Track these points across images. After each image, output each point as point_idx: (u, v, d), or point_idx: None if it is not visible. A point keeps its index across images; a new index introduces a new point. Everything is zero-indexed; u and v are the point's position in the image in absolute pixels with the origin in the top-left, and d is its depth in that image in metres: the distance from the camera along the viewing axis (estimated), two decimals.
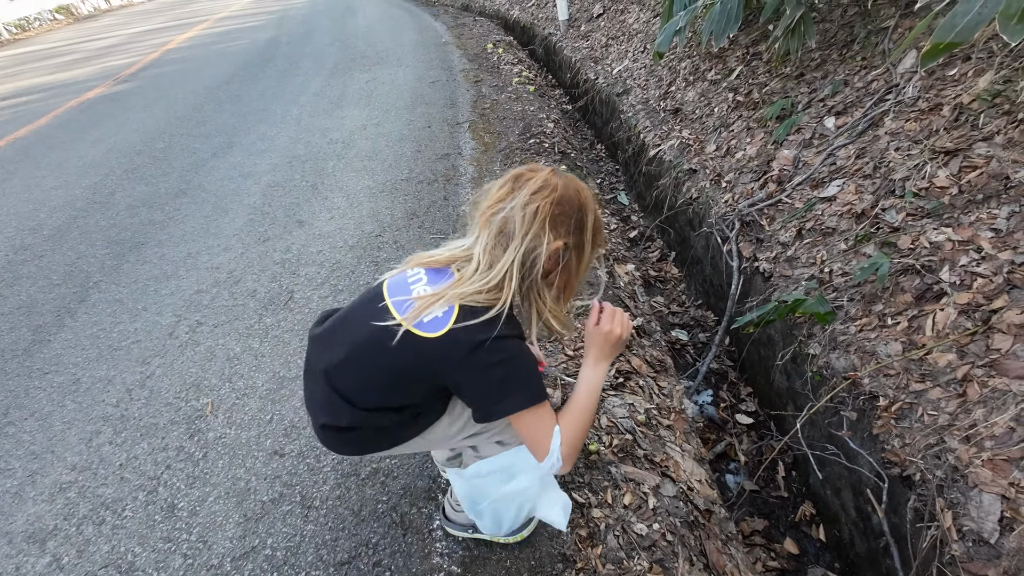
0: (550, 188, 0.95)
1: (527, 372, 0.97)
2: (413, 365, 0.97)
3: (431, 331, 0.93)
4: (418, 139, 3.92)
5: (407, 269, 1.06)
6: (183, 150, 4.34)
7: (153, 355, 2.15)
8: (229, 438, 1.74)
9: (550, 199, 0.94)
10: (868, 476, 1.69)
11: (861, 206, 2.20)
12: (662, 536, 1.29)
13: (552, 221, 0.95)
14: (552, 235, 0.95)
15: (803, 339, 2.08)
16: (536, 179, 0.96)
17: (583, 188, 1.01)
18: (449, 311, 0.93)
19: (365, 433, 1.07)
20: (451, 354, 0.92)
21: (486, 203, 0.99)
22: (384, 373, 1.00)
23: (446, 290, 0.96)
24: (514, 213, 0.94)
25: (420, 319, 0.94)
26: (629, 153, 4.26)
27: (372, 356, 1.00)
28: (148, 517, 1.52)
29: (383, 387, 1.01)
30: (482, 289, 0.94)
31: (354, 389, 1.03)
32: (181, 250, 2.88)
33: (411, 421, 1.07)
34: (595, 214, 1.02)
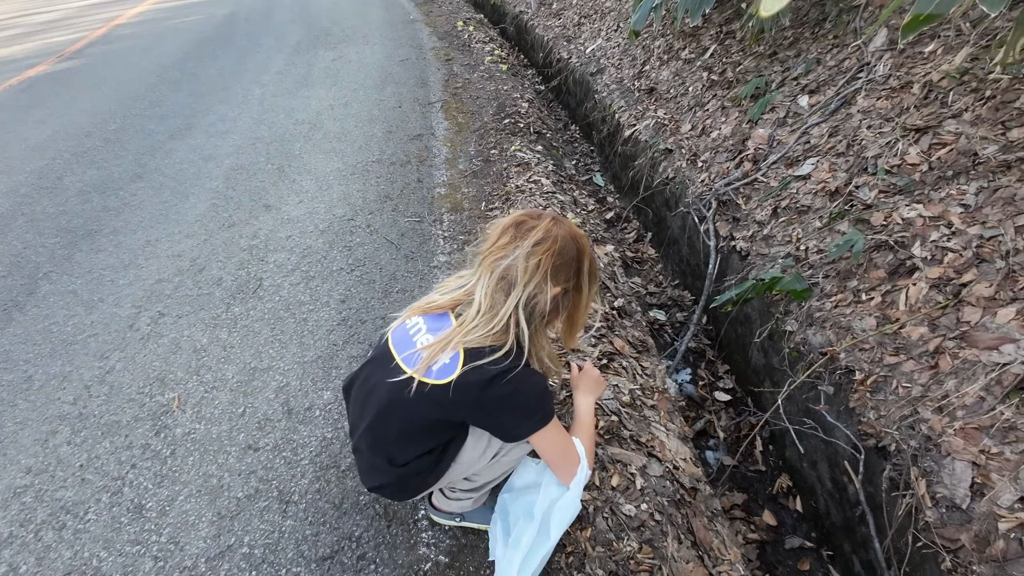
0: (551, 240, 1.04)
1: (538, 394, 1.04)
2: (432, 413, 1.04)
3: (441, 378, 0.99)
4: (388, 120, 3.80)
5: (406, 320, 1.13)
6: (137, 132, 4.10)
7: (112, 349, 2.03)
8: (199, 433, 1.66)
9: (551, 251, 1.03)
10: (844, 448, 1.73)
11: (835, 184, 2.23)
12: (650, 516, 1.28)
13: (553, 271, 1.04)
14: (552, 283, 1.04)
15: (780, 316, 2.11)
16: (538, 230, 1.04)
17: (580, 236, 1.10)
18: (455, 356, 1.00)
19: (411, 482, 1.14)
20: (465, 396, 0.98)
21: (488, 247, 1.07)
22: (409, 426, 1.08)
23: (451, 336, 1.02)
24: (517, 263, 1.02)
25: (429, 368, 1.01)
26: (604, 133, 4.23)
27: (397, 414, 1.07)
28: (113, 520, 1.44)
29: (412, 437, 1.09)
30: (487, 333, 1.01)
31: (391, 448, 1.10)
32: (139, 237, 2.72)
33: (442, 456, 1.12)
34: (591, 258, 1.12)
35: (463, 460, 1.13)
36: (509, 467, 1.24)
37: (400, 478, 1.11)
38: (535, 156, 3.06)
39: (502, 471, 1.23)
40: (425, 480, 1.13)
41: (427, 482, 1.14)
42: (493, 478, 1.23)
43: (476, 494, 1.24)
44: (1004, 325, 1.52)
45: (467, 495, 1.24)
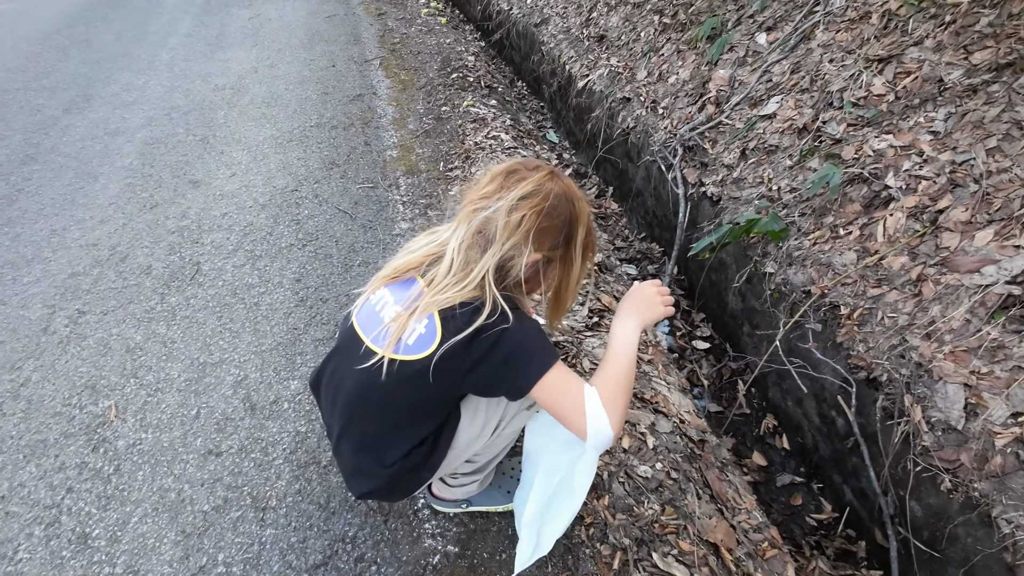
0: (541, 196, 0.87)
1: (532, 335, 0.88)
2: (415, 394, 0.88)
3: (420, 351, 0.85)
4: (323, 80, 3.45)
5: (371, 295, 0.98)
6: (23, 107, 3.53)
7: (24, 357, 1.73)
8: (146, 443, 1.43)
9: (538, 209, 0.87)
10: (833, 383, 1.74)
11: (802, 121, 2.19)
12: (667, 475, 1.22)
13: (537, 233, 0.88)
14: (534, 246, 0.88)
15: (758, 259, 2.08)
16: (529, 181, 0.88)
17: (578, 198, 0.93)
18: (431, 325, 0.86)
19: (402, 481, 0.99)
20: (455, 362, 0.84)
21: (472, 195, 0.92)
22: (391, 415, 0.93)
23: (418, 300, 0.88)
24: (497, 216, 0.87)
25: (403, 342, 0.87)
26: (554, 87, 4.05)
27: (374, 404, 0.93)
28: (53, 555, 1.22)
29: (398, 429, 0.95)
30: (459, 292, 0.86)
31: (375, 446, 0.96)
32: (41, 227, 2.34)
33: (435, 444, 0.97)
34: (588, 227, 0.95)
35: (460, 443, 0.99)
36: (512, 438, 1.11)
37: (391, 479, 0.96)
38: (490, 111, 2.86)
39: (504, 444, 1.11)
40: (420, 475, 0.99)
41: (422, 476, 1.00)
42: (496, 454, 1.11)
43: (480, 475, 1.12)
44: (983, 247, 1.54)
45: (471, 478, 1.12)
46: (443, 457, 0.99)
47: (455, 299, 0.85)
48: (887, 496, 1.56)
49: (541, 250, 0.89)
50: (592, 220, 0.97)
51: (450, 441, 0.98)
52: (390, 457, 0.94)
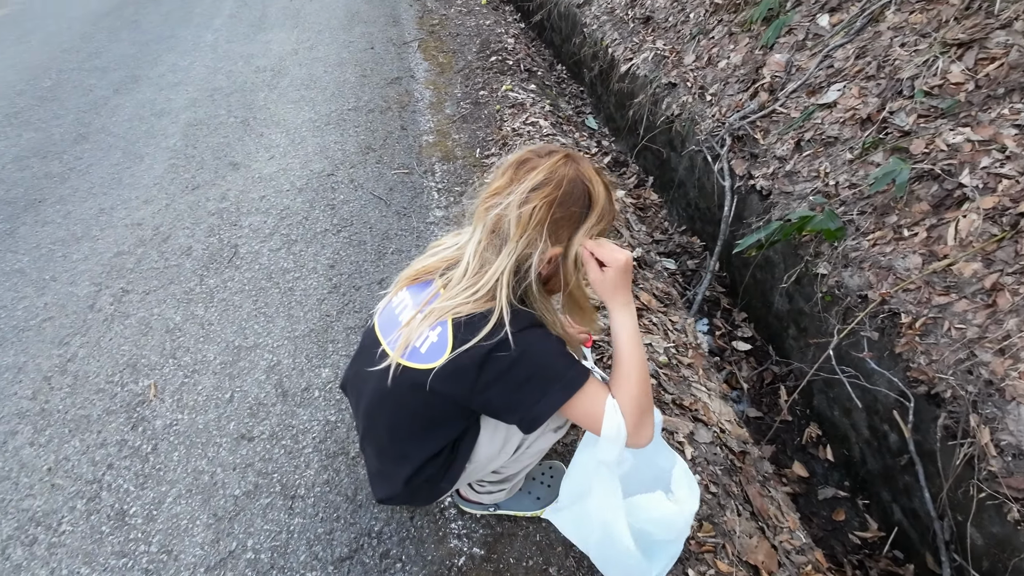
0: (553, 183, 0.81)
1: (552, 360, 0.81)
2: (426, 403, 0.83)
3: (431, 361, 0.81)
4: (361, 62, 3.43)
5: (394, 296, 0.95)
6: (76, 88, 3.64)
7: (72, 333, 1.78)
8: (182, 424, 1.46)
9: (550, 199, 0.80)
10: (887, 396, 1.62)
11: (866, 111, 2.03)
12: (705, 488, 1.15)
13: (552, 225, 0.81)
14: (550, 240, 0.81)
15: (810, 258, 1.96)
16: (540, 170, 0.81)
17: (595, 180, 0.85)
18: (443, 333, 0.81)
19: (422, 491, 0.96)
20: (462, 379, 0.79)
21: (485, 191, 0.86)
22: (404, 422, 0.89)
23: (431, 304, 0.84)
24: (509, 211, 0.80)
25: (414, 348, 0.83)
26: (595, 71, 3.91)
27: (388, 410, 0.90)
28: (93, 529, 1.26)
29: (412, 436, 0.90)
30: (470, 300, 0.81)
31: (390, 453, 0.93)
32: (90, 206, 2.41)
33: (453, 456, 0.93)
34: (608, 210, 0.86)
35: (479, 458, 0.95)
36: (540, 455, 1.05)
37: (408, 490, 0.94)
38: (529, 96, 2.78)
39: (531, 460, 1.05)
40: (438, 486, 0.96)
41: (441, 488, 0.96)
42: (524, 466, 1.07)
43: (507, 484, 1.08)
44: None
45: (498, 487, 1.09)
46: (461, 471, 0.95)
47: (467, 304, 0.80)
48: (943, 520, 1.46)
49: (559, 243, 0.82)
50: (613, 200, 0.88)
51: (468, 455, 0.94)
52: (405, 470, 0.91)
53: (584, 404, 0.80)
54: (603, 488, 0.89)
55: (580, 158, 0.86)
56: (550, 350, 0.81)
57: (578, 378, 0.80)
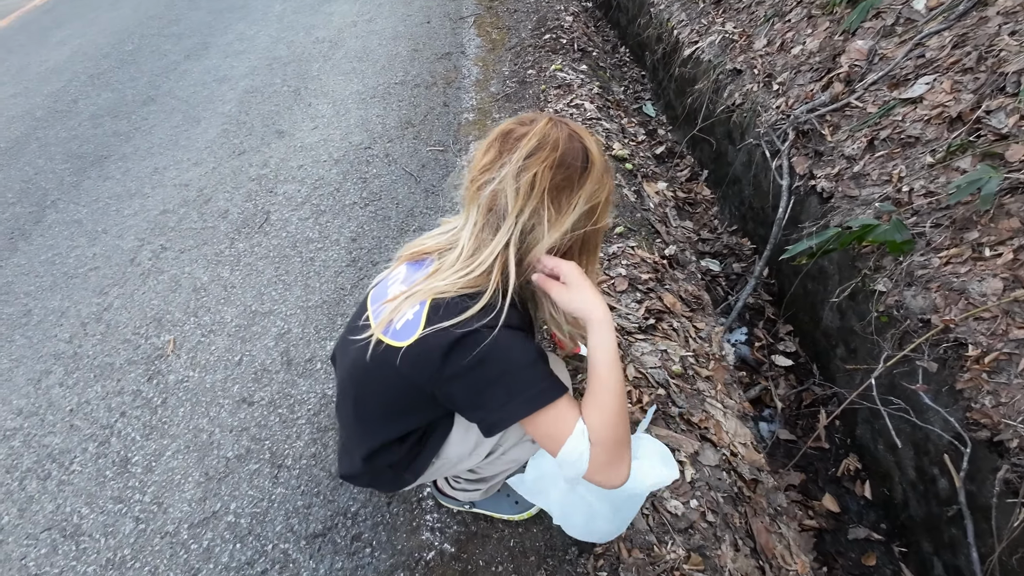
0: (548, 147, 0.74)
1: (524, 368, 0.72)
2: (395, 383, 0.78)
3: (403, 339, 0.75)
4: (415, 37, 3.40)
5: (393, 270, 0.90)
6: (153, 52, 3.86)
7: (112, 284, 1.88)
8: (192, 382, 1.50)
9: (549, 162, 0.73)
10: (941, 436, 1.42)
11: (957, 108, 1.77)
12: (701, 516, 1.04)
13: (554, 190, 0.74)
14: (553, 208, 0.75)
15: (868, 272, 1.74)
16: (531, 136, 0.74)
17: (587, 137, 0.78)
18: (420, 312, 0.75)
19: (384, 475, 0.91)
20: (427, 364, 0.73)
21: (471, 172, 0.79)
22: (371, 399, 0.84)
23: (419, 284, 0.78)
24: (505, 185, 0.73)
25: (392, 325, 0.78)
26: (658, 55, 3.69)
27: (358, 384, 0.86)
28: (98, 472, 1.32)
29: (378, 417, 0.86)
30: (461, 278, 0.75)
31: (356, 430, 0.90)
32: (147, 165, 2.54)
33: (419, 448, 0.88)
34: (604, 170, 0.79)
35: (448, 456, 0.89)
36: (517, 464, 0.98)
37: (369, 472, 0.89)
38: (578, 77, 2.65)
39: (507, 467, 0.98)
40: (401, 476, 0.90)
41: (404, 478, 0.91)
42: (503, 470, 1.00)
43: (484, 485, 1.02)
44: None
45: (473, 486, 1.03)
46: (427, 465, 0.90)
47: (456, 287, 0.74)
48: None
49: (569, 207, 0.75)
50: (608, 163, 0.81)
51: (436, 451, 0.89)
52: (363, 448, 0.87)
53: (548, 423, 0.72)
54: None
55: (566, 120, 0.79)
56: (524, 357, 0.73)
57: (548, 392, 0.72)
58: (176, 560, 1.13)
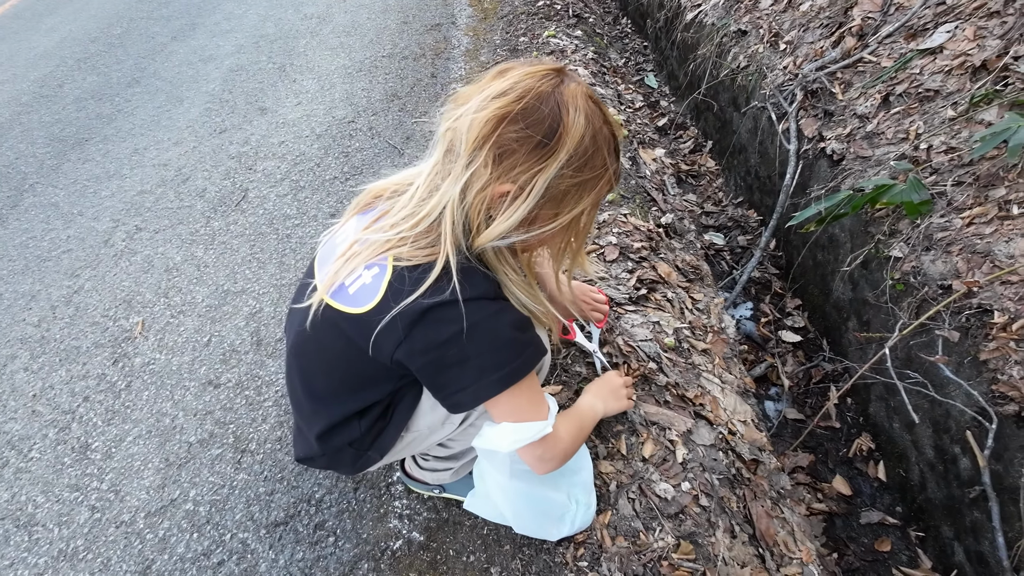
0: (514, 95, 0.61)
1: (499, 344, 0.65)
2: (347, 354, 0.69)
3: (358, 305, 0.66)
4: (405, 9, 3.27)
5: (343, 224, 0.79)
6: (141, 35, 3.77)
7: (84, 266, 1.81)
8: (158, 364, 1.43)
9: (501, 112, 0.61)
10: (962, 412, 1.30)
11: (981, 56, 1.61)
12: (694, 500, 0.94)
13: (502, 148, 0.61)
14: (495, 168, 0.62)
15: (882, 238, 1.61)
16: (510, 76, 0.63)
17: (576, 107, 0.62)
18: (379, 276, 0.65)
19: (344, 455, 0.82)
20: (388, 336, 0.64)
21: (450, 105, 0.68)
22: (324, 373, 0.76)
23: (364, 233, 0.68)
24: (461, 124, 0.63)
25: (341, 286, 0.68)
26: (660, 22, 3.52)
27: (306, 356, 0.77)
28: (57, 459, 1.25)
29: (331, 391, 0.77)
30: (407, 236, 0.65)
31: (306, 404, 0.80)
32: (127, 146, 2.46)
33: (384, 422, 0.79)
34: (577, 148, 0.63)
35: (419, 428, 0.80)
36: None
37: (326, 449, 0.80)
38: (572, 43, 2.51)
39: None
40: (365, 454, 0.81)
41: (369, 456, 0.82)
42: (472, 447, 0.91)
43: (456, 463, 0.93)
44: None
45: (444, 464, 0.94)
46: (394, 440, 0.80)
47: (406, 239, 0.65)
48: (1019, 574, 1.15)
49: (506, 177, 0.62)
50: (612, 147, 0.67)
51: (405, 423, 0.80)
52: (319, 425, 0.78)
53: (516, 400, 0.66)
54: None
55: (574, 78, 0.65)
56: (501, 331, 0.65)
57: (522, 368, 0.66)
58: (130, 551, 1.06)
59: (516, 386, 0.66)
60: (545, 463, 0.74)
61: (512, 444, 0.68)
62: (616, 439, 1.02)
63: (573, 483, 0.88)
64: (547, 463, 0.74)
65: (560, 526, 0.89)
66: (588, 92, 0.65)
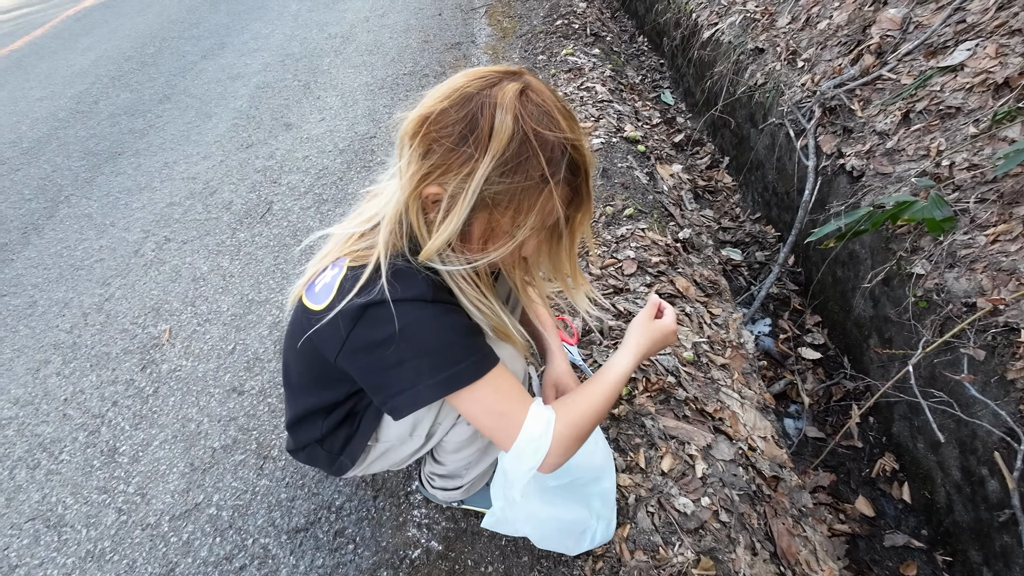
0: (444, 92, 0.59)
1: (438, 346, 0.64)
2: (308, 348, 0.71)
3: (318, 301, 0.67)
4: (426, 28, 3.36)
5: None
6: (172, 54, 3.92)
7: (115, 275, 1.87)
8: (184, 371, 1.46)
9: (428, 110, 0.59)
10: (989, 432, 1.27)
11: (1004, 73, 1.61)
12: (714, 515, 0.94)
13: (424, 144, 0.59)
14: (419, 167, 0.60)
15: (904, 255, 1.60)
16: (457, 76, 0.61)
17: (506, 107, 0.57)
18: (337, 274, 0.66)
19: (321, 457, 0.85)
20: (334, 336, 0.65)
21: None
22: (294, 364, 0.80)
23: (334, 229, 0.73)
24: (403, 124, 0.63)
25: (312, 284, 0.70)
26: (676, 40, 3.56)
27: (285, 347, 0.81)
28: (86, 462, 1.28)
29: (300, 385, 0.82)
30: (355, 234, 0.69)
31: (286, 394, 0.85)
32: (158, 160, 2.54)
33: (347, 426, 0.81)
34: (504, 152, 0.57)
35: (388, 438, 0.82)
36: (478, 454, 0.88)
37: (298, 442, 0.84)
38: (590, 60, 2.55)
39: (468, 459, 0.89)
40: (337, 459, 0.83)
41: (342, 462, 0.84)
42: (463, 463, 0.90)
43: (461, 481, 0.93)
44: None
45: (451, 483, 0.94)
46: (362, 448, 0.82)
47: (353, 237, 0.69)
48: None
49: (432, 176, 0.59)
50: (547, 152, 0.58)
51: (372, 431, 0.81)
52: (289, 414, 0.83)
53: (479, 400, 0.64)
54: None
55: (519, 81, 0.59)
56: (438, 334, 0.63)
57: (471, 370, 0.63)
58: (155, 553, 1.08)
59: (479, 384, 0.63)
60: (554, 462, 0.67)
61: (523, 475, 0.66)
62: (635, 452, 1.02)
63: (592, 494, 0.88)
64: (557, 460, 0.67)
65: (581, 542, 0.89)
66: (538, 97, 0.59)
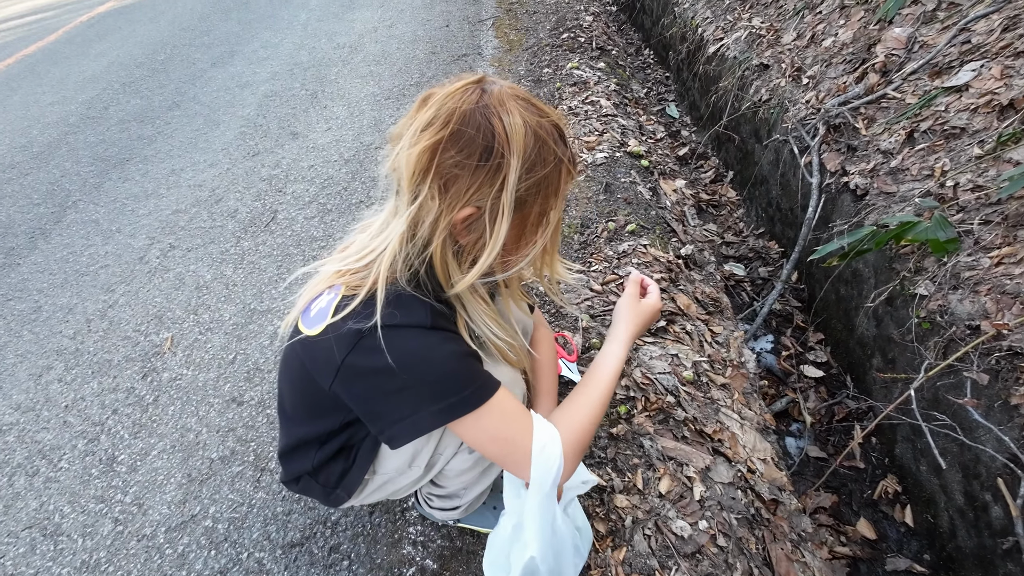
0: (442, 119, 0.59)
1: (437, 375, 0.63)
2: (302, 375, 0.71)
3: (313, 326, 0.67)
4: (433, 40, 3.39)
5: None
6: (183, 61, 3.97)
7: (119, 282, 1.88)
8: (185, 380, 1.47)
9: (434, 141, 0.58)
10: (993, 458, 1.26)
11: (1009, 95, 1.60)
12: (711, 539, 0.93)
13: (445, 174, 0.59)
14: (445, 195, 0.60)
15: (907, 275, 1.59)
16: (432, 103, 0.60)
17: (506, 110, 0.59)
18: (332, 301, 0.66)
19: (315, 490, 0.84)
20: (327, 360, 0.65)
21: (388, 146, 0.67)
22: (288, 391, 0.80)
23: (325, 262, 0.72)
24: (399, 162, 0.62)
25: (308, 309, 0.69)
26: (682, 54, 3.57)
27: (280, 373, 0.81)
28: (84, 470, 1.29)
29: (293, 413, 0.80)
30: (351, 269, 0.67)
31: (279, 422, 0.84)
32: (165, 167, 2.57)
33: (343, 460, 0.80)
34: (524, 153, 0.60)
35: (386, 470, 0.81)
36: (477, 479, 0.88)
37: (292, 476, 0.82)
38: (595, 74, 2.56)
39: (466, 483, 0.88)
40: (333, 492, 0.82)
41: (337, 495, 0.82)
42: (461, 486, 0.89)
43: (460, 501, 0.92)
44: None
45: (449, 503, 0.93)
46: (358, 481, 0.81)
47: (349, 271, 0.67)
48: None
49: (462, 201, 0.60)
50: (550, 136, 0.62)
51: (369, 464, 0.80)
52: (281, 443, 0.81)
53: (484, 428, 0.64)
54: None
55: (496, 84, 0.61)
56: (440, 362, 0.63)
57: (474, 396, 0.63)
58: (150, 565, 1.08)
59: (478, 414, 0.63)
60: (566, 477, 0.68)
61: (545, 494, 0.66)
62: (632, 473, 1.02)
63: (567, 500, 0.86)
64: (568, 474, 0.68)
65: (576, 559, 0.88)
66: (515, 92, 0.62)
